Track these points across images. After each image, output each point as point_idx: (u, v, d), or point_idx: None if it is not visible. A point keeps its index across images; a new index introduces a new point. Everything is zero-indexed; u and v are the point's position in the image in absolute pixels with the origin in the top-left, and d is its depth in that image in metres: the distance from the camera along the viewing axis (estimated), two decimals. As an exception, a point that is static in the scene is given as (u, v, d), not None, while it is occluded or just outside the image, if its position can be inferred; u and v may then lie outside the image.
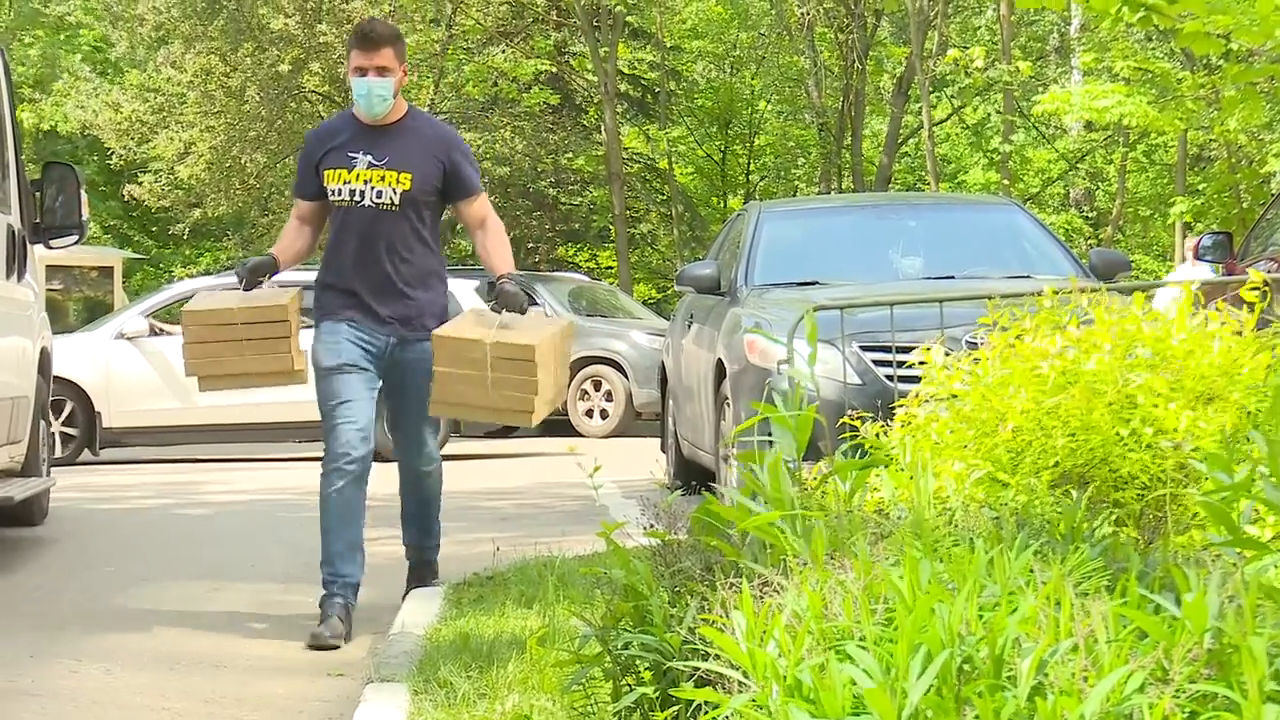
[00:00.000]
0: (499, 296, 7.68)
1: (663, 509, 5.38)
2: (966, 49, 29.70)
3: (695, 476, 13.10)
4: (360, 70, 7.66)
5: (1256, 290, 6.67)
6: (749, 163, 39.02)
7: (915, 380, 7.30)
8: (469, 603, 7.85)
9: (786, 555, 4.36)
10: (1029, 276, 11.68)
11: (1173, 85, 27.17)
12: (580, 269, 36.17)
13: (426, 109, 33.17)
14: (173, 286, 21.47)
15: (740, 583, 4.16)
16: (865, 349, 10.36)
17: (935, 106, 33.34)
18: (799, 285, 11.87)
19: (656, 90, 36.56)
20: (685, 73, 38.53)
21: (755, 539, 4.64)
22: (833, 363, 9.89)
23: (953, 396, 6.66)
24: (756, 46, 37.58)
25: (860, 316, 10.24)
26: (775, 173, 39.50)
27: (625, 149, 35.09)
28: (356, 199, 7.72)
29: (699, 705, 4.23)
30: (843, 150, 33.45)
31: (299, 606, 8.24)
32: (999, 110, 34.66)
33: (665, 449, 14.71)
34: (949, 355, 7.09)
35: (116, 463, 18.37)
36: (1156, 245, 38.88)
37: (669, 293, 36.62)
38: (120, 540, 11.58)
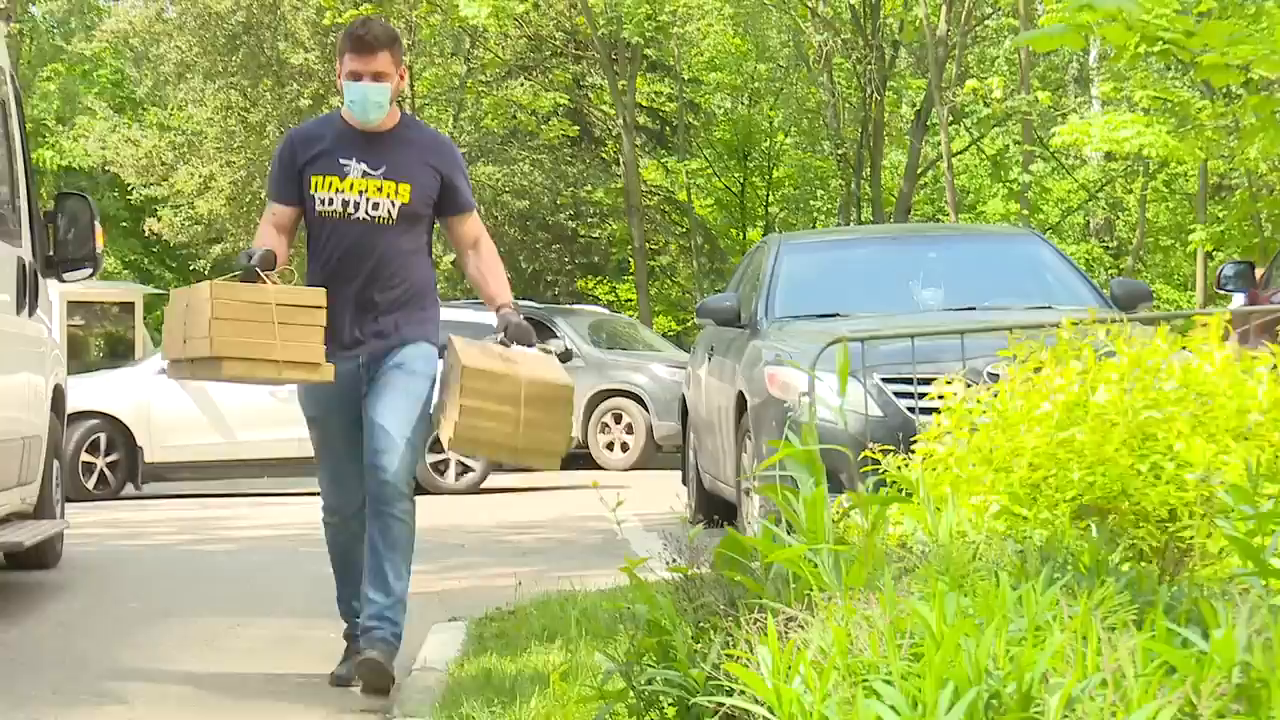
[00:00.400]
0: (507, 329, 7.09)
1: (686, 543, 5.36)
2: (985, 79, 29.68)
3: (717, 509, 13.07)
4: (355, 75, 6.99)
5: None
6: (768, 194, 39.04)
7: (936, 412, 7.28)
8: (491, 638, 7.83)
9: (811, 590, 4.34)
10: (1050, 307, 11.65)
11: (1192, 114, 27.14)
12: (600, 301, 36.20)
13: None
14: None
15: (765, 618, 4.14)
16: (887, 381, 10.34)
17: (954, 137, 33.33)
18: (820, 317, 11.86)
19: (675, 123, 36.60)
20: (704, 105, 38.57)
21: (779, 573, 4.62)
22: (854, 395, 9.87)
23: (973, 429, 6.64)
24: (775, 79, 37.61)
25: (881, 348, 10.21)
26: (794, 204, 39.51)
27: (644, 181, 35.13)
28: (349, 210, 7.03)
29: (724, 741, 4.21)
30: (862, 181, 33.45)
31: (322, 642, 8.22)
32: (1018, 140, 34.65)
33: (686, 482, 14.68)
34: (970, 387, 7.07)
35: (140, 498, 18.38)
36: (1177, 275, 38.83)
37: (689, 325, 36.62)
38: (143, 576, 11.57)
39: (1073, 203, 38.01)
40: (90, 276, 11.52)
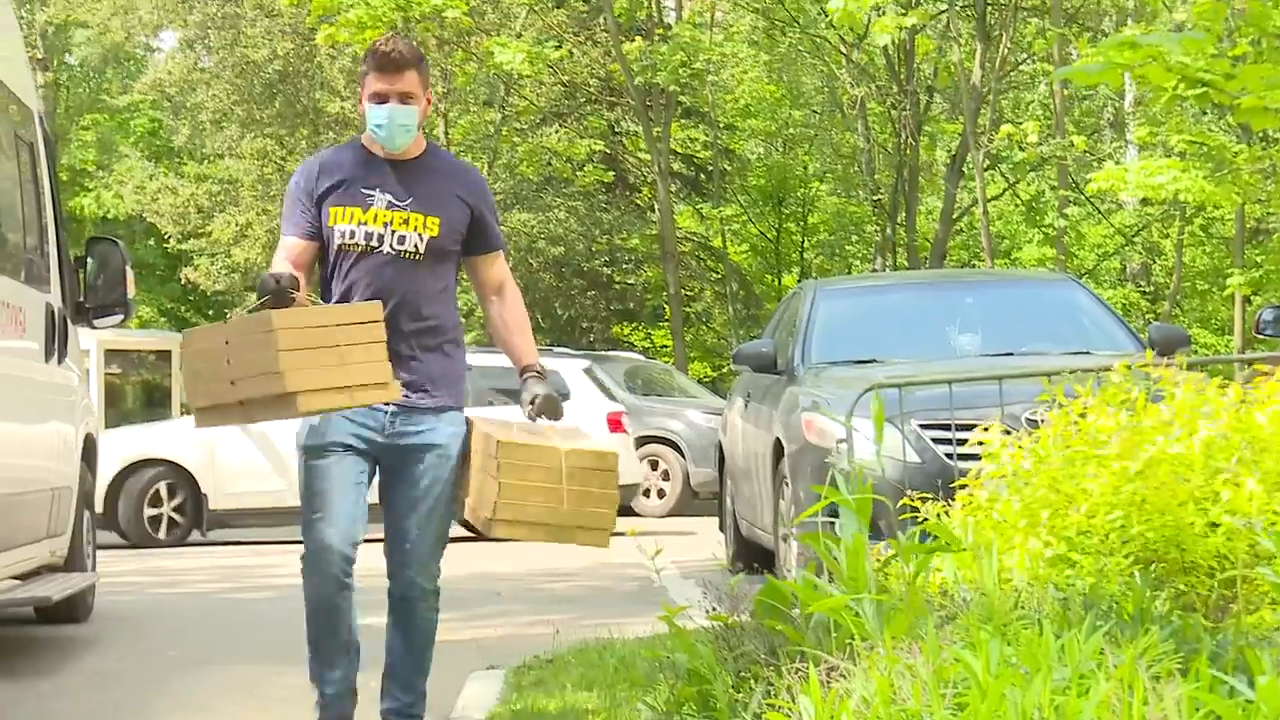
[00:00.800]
0: (534, 402, 6.38)
1: (725, 591, 5.34)
2: (1020, 124, 29.66)
3: (755, 556, 13.03)
4: (379, 97, 6.40)
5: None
6: (803, 240, 39.03)
7: (975, 458, 7.25)
8: (529, 685, 7.80)
9: (853, 638, 4.31)
10: (1088, 353, 11.62)
11: (1229, 159, 27.08)
12: (635, 348, 36.18)
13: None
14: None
15: (806, 667, 4.12)
16: (924, 427, 10.31)
17: (989, 182, 33.31)
18: (856, 363, 11.83)
19: (710, 169, 36.63)
20: (738, 151, 38.61)
21: (820, 621, 4.59)
22: (892, 441, 9.84)
23: (1014, 475, 6.61)
24: (809, 125, 37.64)
25: (919, 394, 10.19)
26: (829, 250, 39.49)
27: (679, 228, 35.15)
28: (373, 244, 6.36)
29: (766, 792, 4.18)
30: (897, 227, 33.43)
31: (363, 690, 8.19)
32: (1053, 185, 34.59)
33: (723, 528, 14.64)
34: (1009, 433, 7.04)
35: (176, 545, 18.39)
36: (1215, 319, 38.69)
37: (724, 371, 36.58)
38: (180, 626, 11.57)
39: (1109, 247, 37.93)
40: (122, 322, 11.26)
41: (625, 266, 37.86)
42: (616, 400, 20.53)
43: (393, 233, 6.38)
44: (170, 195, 34.89)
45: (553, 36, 32.01)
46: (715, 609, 5.24)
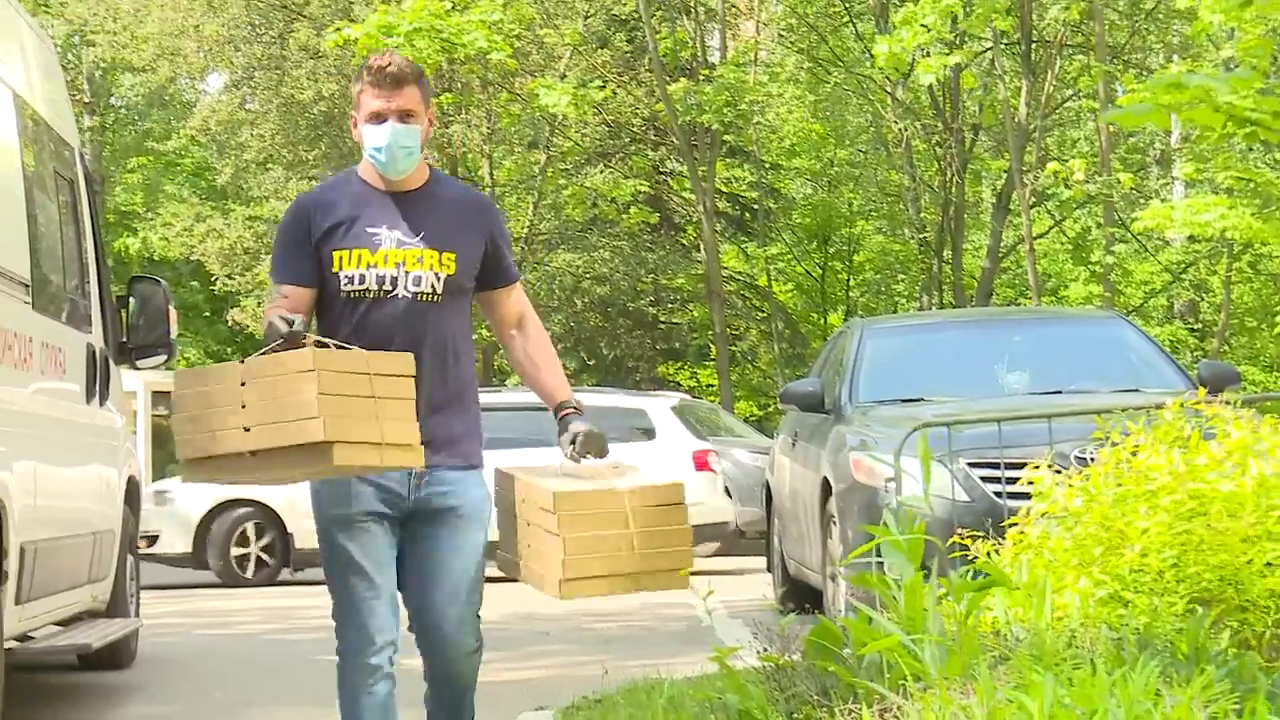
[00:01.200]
0: (576, 441, 5.72)
1: (775, 631, 5.31)
2: (1066, 162, 29.58)
3: (802, 595, 12.98)
4: (377, 116, 5.67)
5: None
6: (849, 279, 38.98)
7: (1023, 497, 7.22)
8: (578, 727, 7.78)
9: (906, 678, 4.28)
10: (1137, 390, 11.57)
11: (1276, 195, 26.97)
12: (681, 387, 36.18)
13: (525, 231, 33.50)
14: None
15: (859, 707, 4.09)
16: (972, 466, 10.27)
17: (1035, 220, 33.23)
18: (904, 402, 11.80)
19: (755, 208, 36.64)
20: (783, 190, 38.61)
21: (873, 661, 4.57)
22: (940, 480, 9.80)
23: (1066, 514, 6.57)
24: (854, 163, 37.63)
25: (967, 433, 10.15)
26: (875, 288, 39.44)
27: (724, 267, 35.15)
28: (386, 288, 5.65)
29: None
30: (943, 265, 33.37)
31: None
32: (1099, 223, 34.50)
33: (771, 568, 14.60)
34: (1059, 472, 7.00)
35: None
36: (1264, 356, 38.50)
37: (770, 410, 36.53)
38: (226, 666, 11.56)
39: (1156, 284, 37.81)
40: (165, 363, 10.99)
41: (670, 306, 37.88)
42: (706, 439, 20.44)
43: (406, 274, 5.68)
44: (218, 239, 35.05)
45: (597, 77, 32.08)
46: (766, 649, 5.21)
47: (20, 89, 9.31)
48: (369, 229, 5.68)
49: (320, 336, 5.51)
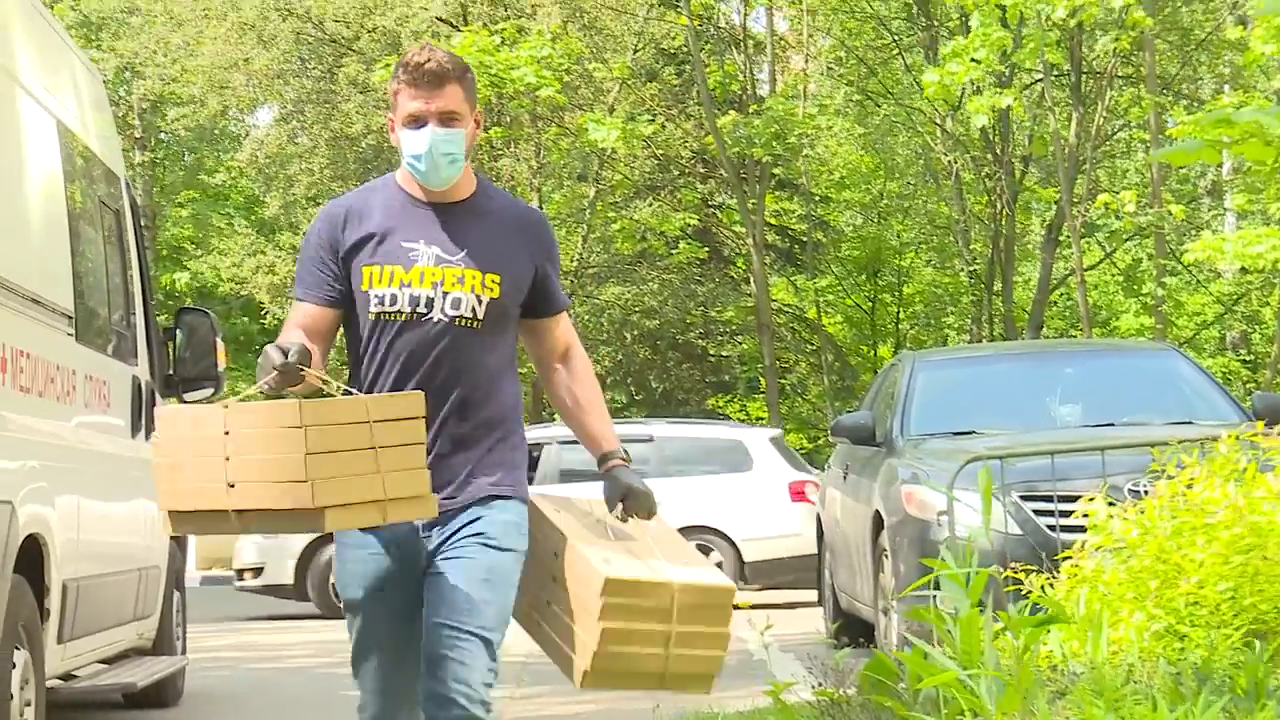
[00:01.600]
0: (625, 499, 5.11)
1: (829, 665, 5.28)
2: (1117, 193, 29.48)
3: (854, 629, 12.94)
4: (415, 119, 5.02)
5: None
6: (898, 311, 38.92)
7: (1076, 530, 7.18)
8: (630, 761, 7.76)
9: (963, 713, 4.25)
10: (1190, 422, 11.51)
11: (1329, 227, 26.81)
12: (731, 420, 36.15)
13: (574, 265, 33.53)
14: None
15: (915, 743, 4.06)
16: (1025, 498, 10.22)
17: (1086, 251, 33.12)
18: (955, 435, 11.76)
19: (804, 240, 36.61)
20: (833, 222, 38.59)
21: (928, 696, 4.53)
22: (993, 513, 9.75)
23: (1121, 547, 6.53)
24: (903, 195, 37.58)
25: (1019, 466, 10.11)
26: (925, 320, 39.37)
27: (774, 299, 35.13)
28: (420, 310, 5.02)
29: None
30: (993, 297, 33.28)
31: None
32: (1150, 254, 34.37)
33: (822, 601, 14.55)
34: (1113, 504, 6.97)
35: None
36: (1316, 388, 38.27)
37: (820, 443, 36.45)
38: (275, 701, 11.55)
39: (1208, 316, 37.63)
40: (213, 396, 10.72)
41: (720, 339, 37.86)
42: (808, 471, 20.35)
43: (444, 295, 5.03)
44: (268, 274, 35.17)
45: (645, 110, 32.11)
46: (821, 684, 5.18)
47: (69, 121, 9.35)
48: (404, 243, 5.06)
49: (321, 373, 4.98)
